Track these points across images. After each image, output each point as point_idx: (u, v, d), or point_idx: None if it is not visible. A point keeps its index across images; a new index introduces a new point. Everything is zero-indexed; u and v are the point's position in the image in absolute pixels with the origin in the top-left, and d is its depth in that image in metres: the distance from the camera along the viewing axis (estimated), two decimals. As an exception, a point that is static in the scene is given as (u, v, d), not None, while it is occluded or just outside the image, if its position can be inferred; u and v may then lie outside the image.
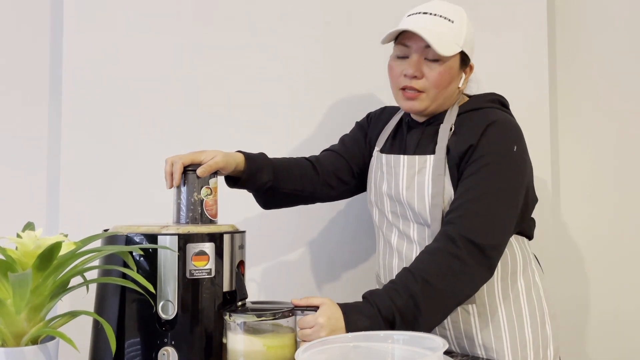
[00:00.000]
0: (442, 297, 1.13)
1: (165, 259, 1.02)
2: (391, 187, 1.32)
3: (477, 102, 1.32)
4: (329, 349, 0.91)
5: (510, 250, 1.29)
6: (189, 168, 1.16)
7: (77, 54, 1.52)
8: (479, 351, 1.27)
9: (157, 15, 1.58)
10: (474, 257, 1.14)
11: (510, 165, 1.22)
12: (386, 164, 1.35)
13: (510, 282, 1.28)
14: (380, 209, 1.38)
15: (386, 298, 1.10)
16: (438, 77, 1.25)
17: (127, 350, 1.01)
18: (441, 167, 1.24)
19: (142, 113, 1.56)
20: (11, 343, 0.86)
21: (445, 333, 1.29)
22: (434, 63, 1.25)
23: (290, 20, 1.68)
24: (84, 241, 0.94)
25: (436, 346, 0.88)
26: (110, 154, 1.54)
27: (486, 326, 1.26)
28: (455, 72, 1.28)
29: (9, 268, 0.84)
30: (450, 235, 1.16)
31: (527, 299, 1.29)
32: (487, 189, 1.19)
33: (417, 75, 1.25)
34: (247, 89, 1.64)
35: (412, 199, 1.27)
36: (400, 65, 1.28)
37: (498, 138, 1.23)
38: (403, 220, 1.32)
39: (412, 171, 1.29)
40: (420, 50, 1.25)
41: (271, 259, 1.64)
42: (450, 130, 1.27)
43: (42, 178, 1.55)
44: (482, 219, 1.18)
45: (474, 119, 1.27)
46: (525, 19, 1.80)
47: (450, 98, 1.31)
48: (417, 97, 1.27)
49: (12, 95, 1.55)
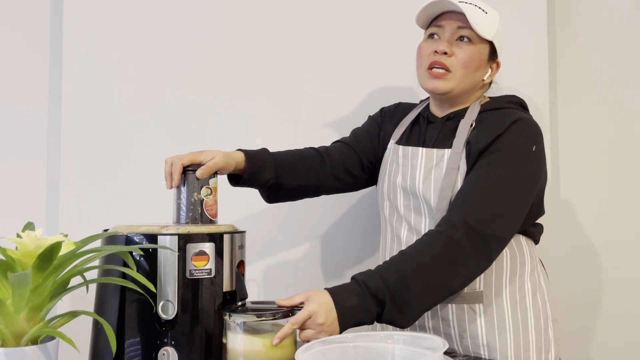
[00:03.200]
0: (435, 281, 1.11)
1: (165, 259, 1.02)
2: (407, 180, 1.32)
3: (499, 102, 1.32)
4: (329, 349, 0.91)
5: (520, 252, 1.29)
6: (188, 168, 1.16)
7: (77, 53, 1.52)
8: (482, 351, 1.26)
9: (157, 13, 1.58)
10: (473, 244, 1.13)
11: (526, 164, 1.22)
12: (403, 156, 1.34)
13: (518, 284, 1.28)
14: (392, 201, 1.36)
15: (376, 276, 1.10)
16: (468, 57, 1.26)
17: (127, 350, 1.01)
18: (456, 161, 1.24)
19: (142, 113, 1.56)
20: (11, 343, 0.86)
21: (449, 331, 1.29)
22: (466, 43, 1.26)
23: (294, 14, 1.68)
24: (84, 241, 0.94)
25: (436, 346, 0.88)
26: (110, 154, 1.54)
27: (492, 326, 1.25)
28: (484, 59, 1.29)
29: (9, 268, 0.84)
30: (452, 220, 1.15)
31: (532, 302, 1.29)
32: (498, 180, 1.19)
33: (448, 52, 1.26)
34: (248, 86, 1.64)
35: (429, 192, 1.27)
36: (431, 44, 1.29)
37: (520, 135, 1.23)
38: (415, 214, 1.31)
39: (430, 164, 1.28)
40: (453, 30, 1.27)
41: (271, 258, 1.64)
42: (470, 126, 1.27)
43: (42, 178, 1.55)
44: (489, 208, 1.17)
45: (497, 116, 1.27)
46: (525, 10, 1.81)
47: (474, 89, 1.31)
48: (444, 76, 1.27)
49: (12, 94, 1.54)
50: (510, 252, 1.28)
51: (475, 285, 1.26)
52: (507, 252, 1.27)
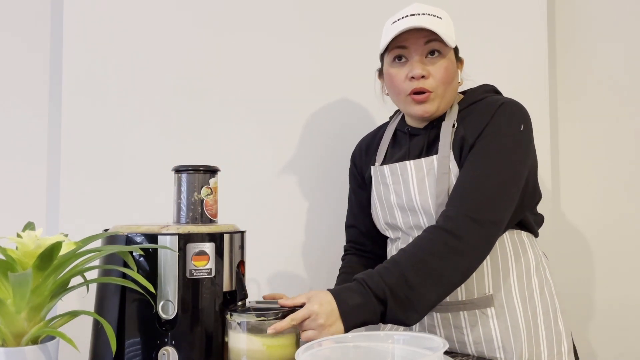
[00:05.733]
0: (436, 275, 1.10)
1: (166, 259, 1.02)
2: (401, 197, 1.30)
3: (477, 95, 1.31)
4: (329, 349, 0.91)
5: (523, 249, 1.28)
6: (189, 168, 1.16)
7: (77, 53, 1.52)
8: (498, 354, 1.24)
9: (157, 13, 1.58)
10: (471, 233, 1.12)
11: (516, 143, 1.21)
12: (391, 174, 1.32)
13: (526, 281, 1.27)
14: (390, 222, 1.35)
15: (376, 276, 1.09)
16: (444, 72, 1.24)
17: (127, 350, 1.01)
18: (446, 164, 1.23)
19: (142, 113, 1.56)
20: (11, 343, 0.86)
21: (463, 339, 1.27)
22: (437, 58, 1.23)
23: (294, 18, 1.68)
24: (84, 241, 0.94)
25: (436, 346, 0.88)
26: (111, 154, 1.53)
27: (505, 328, 1.23)
28: (455, 66, 1.28)
29: (9, 268, 0.84)
30: (449, 214, 1.15)
31: (540, 297, 1.27)
32: (490, 165, 1.18)
33: (425, 75, 1.22)
34: (249, 90, 1.64)
35: (426, 202, 1.25)
36: (402, 69, 1.25)
37: (507, 117, 1.22)
38: (417, 230, 1.29)
39: (421, 174, 1.27)
40: (420, 48, 1.23)
41: (271, 259, 1.64)
42: (453, 127, 1.25)
43: (42, 178, 1.55)
44: (483, 194, 1.16)
45: (481, 107, 1.26)
46: (525, 10, 1.81)
47: (453, 95, 1.30)
48: (428, 98, 1.24)
49: (12, 94, 1.54)
50: (514, 252, 1.27)
51: (484, 290, 1.24)
52: (510, 250, 1.26)
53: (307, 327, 1.05)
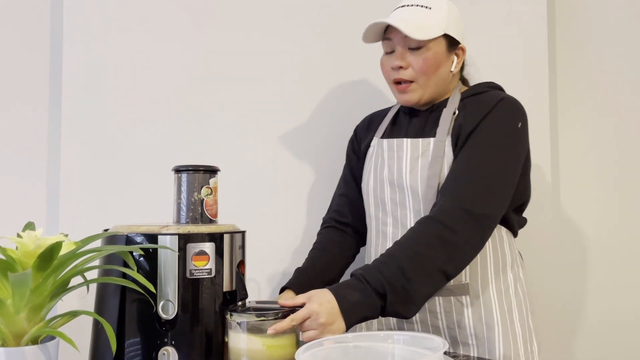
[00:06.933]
0: (432, 267, 1.12)
1: (166, 259, 1.02)
2: (393, 172, 1.33)
3: (480, 88, 1.35)
4: (328, 348, 0.91)
5: (501, 245, 1.31)
6: (189, 168, 1.16)
7: (77, 53, 1.52)
8: (471, 340, 1.27)
9: (157, 13, 1.58)
10: (466, 226, 1.15)
11: (513, 140, 1.24)
12: (388, 149, 1.35)
13: (502, 275, 1.30)
14: (379, 196, 1.37)
15: (374, 270, 1.11)
16: (423, 63, 1.28)
17: (127, 350, 1.01)
18: (441, 149, 1.26)
19: (143, 113, 1.56)
20: (11, 343, 0.86)
21: (437, 323, 1.30)
22: (417, 51, 1.28)
23: (291, 19, 1.68)
24: (84, 241, 0.94)
25: (436, 346, 0.88)
26: (111, 154, 1.54)
27: (479, 317, 1.27)
28: (442, 56, 1.30)
29: (9, 268, 0.84)
30: (444, 206, 1.17)
31: (514, 293, 1.31)
32: (486, 159, 1.21)
33: (403, 66, 1.29)
34: (249, 90, 1.64)
35: (415, 182, 1.28)
36: (389, 60, 1.32)
37: (505, 113, 1.26)
38: (401, 208, 1.32)
39: (416, 154, 1.30)
40: (401, 41, 1.29)
41: (271, 259, 1.64)
42: (453, 114, 1.28)
43: (42, 178, 1.55)
44: (479, 188, 1.18)
45: (481, 99, 1.30)
46: (525, 10, 1.81)
47: (445, 83, 1.33)
48: (409, 88, 1.30)
49: (12, 94, 1.54)
50: (492, 245, 1.29)
51: (461, 278, 1.27)
52: (489, 244, 1.29)
53: (308, 327, 1.05)
